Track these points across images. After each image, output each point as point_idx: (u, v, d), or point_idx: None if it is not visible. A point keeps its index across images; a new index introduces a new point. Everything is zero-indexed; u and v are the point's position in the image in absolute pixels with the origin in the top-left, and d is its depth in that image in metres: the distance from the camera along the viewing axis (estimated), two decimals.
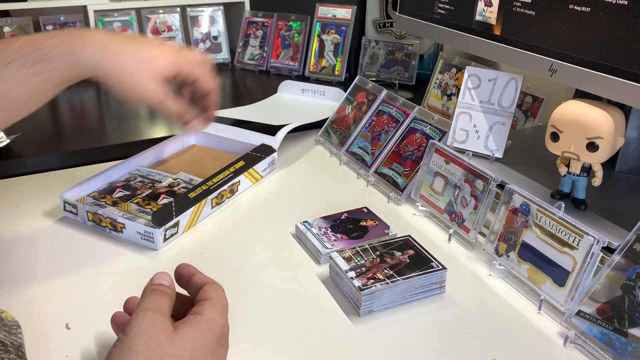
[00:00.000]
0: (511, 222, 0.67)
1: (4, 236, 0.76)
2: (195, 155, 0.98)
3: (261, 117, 1.07)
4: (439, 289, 0.65)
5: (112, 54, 0.64)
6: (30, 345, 0.56)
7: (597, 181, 0.69)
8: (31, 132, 0.78)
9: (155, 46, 0.69)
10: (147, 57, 0.67)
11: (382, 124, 0.95)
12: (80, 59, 0.63)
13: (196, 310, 0.49)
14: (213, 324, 0.48)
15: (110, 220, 0.75)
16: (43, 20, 1.35)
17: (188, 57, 0.71)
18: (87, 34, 0.64)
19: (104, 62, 0.64)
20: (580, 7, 0.68)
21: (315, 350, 0.57)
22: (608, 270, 0.56)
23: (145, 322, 0.45)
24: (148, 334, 0.44)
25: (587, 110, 0.66)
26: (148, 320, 0.45)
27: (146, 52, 0.67)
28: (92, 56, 0.63)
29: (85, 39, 0.63)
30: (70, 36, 0.63)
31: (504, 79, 0.83)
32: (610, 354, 0.54)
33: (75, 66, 0.63)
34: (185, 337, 0.45)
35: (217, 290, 0.51)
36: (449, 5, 0.90)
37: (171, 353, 0.44)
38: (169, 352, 0.44)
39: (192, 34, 1.47)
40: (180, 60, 0.70)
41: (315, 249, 0.72)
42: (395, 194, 0.86)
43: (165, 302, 0.49)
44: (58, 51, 0.62)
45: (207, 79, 0.73)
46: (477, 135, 0.85)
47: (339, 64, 1.34)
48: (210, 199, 0.80)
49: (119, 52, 0.65)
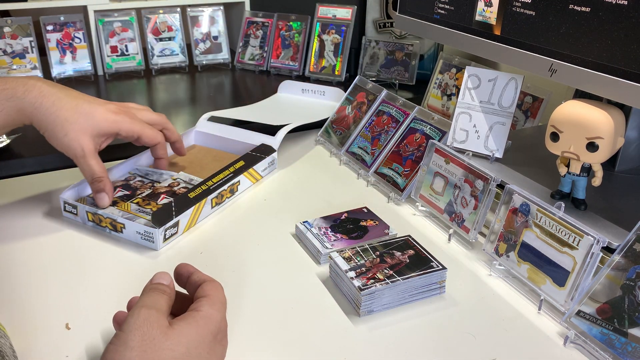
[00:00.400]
0: (511, 222, 0.67)
1: (4, 236, 0.76)
2: (195, 155, 0.98)
3: (261, 117, 1.07)
4: (439, 289, 0.65)
5: (51, 103, 0.68)
6: (30, 345, 0.56)
7: (597, 181, 0.69)
8: (31, 132, 0.78)
9: (98, 104, 0.73)
10: (86, 112, 0.70)
11: (382, 124, 0.95)
12: (21, 105, 0.67)
13: (193, 307, 0.49)
14: (209, 320, 0.48)
15: (110, 220, 0.75)
16: (43, 20, 1.35)
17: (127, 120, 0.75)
18: (32, 82, 0.68)
19: (41, 109, 0.68)
20: (580, 7, 0.68)
21: (315, 350, 0.57)
22: (608, 270, 0.56)
23: (140, 318, 0.45)
24: (143, 330, 0.44)
25: (587, 110, 0.66)
26: (143, 316, 0.46)
27: (85, 107, 0.71)
28: (32, 102, 0.67)
29: (29, 86, 0.68)
30: (15, 83, 0.67)
31: (504, 79, 0.83)
32: (610, 354, 0.54)
33: (16, 112, 0.67)
34: (180, 332, 0.46)
35: (215, 287, 0.52)
36: (449, 5, 0.90)
37: (165, 347, 0.44)
38: (163, 346, 0.44)
39: (192, 34, 1.47)
40: (122, 120, 0.75)
41: (315, 249, 0.72)
42: (395, 194, 0.86)
43: (163, 299, 0.49)
44: (2, 96, 0.66)
45: (149, 134, 0.78)
46: (477, 135, 0.85)
47: (339, 64, 1.34)
48: (210, 199, 0.80)
49: (58, 103, 0.69)
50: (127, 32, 1.41)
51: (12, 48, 1.32)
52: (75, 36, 1.37)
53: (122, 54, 1.41)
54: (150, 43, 1.43)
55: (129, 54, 1.41)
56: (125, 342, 0.44)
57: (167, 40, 1.45)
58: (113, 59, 1.40)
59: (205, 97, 1.30)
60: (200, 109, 1.17)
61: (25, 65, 1.32)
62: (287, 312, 0.62)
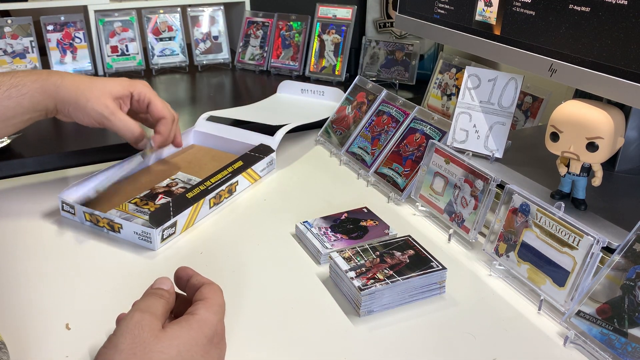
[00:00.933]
0: (511, 222, 0.67)
1: (4, 236, 0.75)
2: (194, 155, 0.98)
3: (260, 117, 1.07)
4: (439, 289, 0.64)
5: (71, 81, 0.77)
6: (30, 345, 0.56)
7: (597, 181, 0.69)
8: (31, 132, 0.79)
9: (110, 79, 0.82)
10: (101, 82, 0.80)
11: (382, 124, 0.95)
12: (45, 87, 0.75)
13: (189, 311, 0.49)
14: (204, 323, 0.48)
15: (108, 220, 0.75)
16: (43, 20, 1.35)
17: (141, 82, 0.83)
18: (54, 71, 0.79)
19: (62, 87, 0.76)
20: (580, 7, 0.67)
21: (315, 350, 0.57)
22: (608, 270, 0.56)
23: (133, 321, 0.46)
24: (134, 333, 0.45)
25: (587, 110, 0.66)
26: (135, 319, 0.46)
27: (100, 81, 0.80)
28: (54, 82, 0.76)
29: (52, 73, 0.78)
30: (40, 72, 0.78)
31: (504, 79, 0.83)
32: (610, 354, 0.54)
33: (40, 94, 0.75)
34: (172, 336, 0.46)
35: (213, 290, 0.51)
36: (449, 5, 0.90)
37: (156, 350, 0.44)
38: (153, 349, 0.44)
39: (193, 34, 1.47)
40: (134, 83, 0.82)
41: (315, 249, 0.72)
42: (395, 194, 0.86)
43: (159, 304, 0.49)
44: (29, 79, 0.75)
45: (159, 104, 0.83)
46: (477, 135, 0.85)
47: (340, 64, 1.34)
48: (208, 199, 0.80)
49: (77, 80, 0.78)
50: (128, 32, 1.41)
51: (12, 48, 1.32)
52: (76, 36, 1.37)
53: (123, 54, 1.41)
54: (151, 43, 1.43)
55: (129, 53, 1.41)
56: (116, 345, 0.44)
57: (167, 40, 1.45)
58: (113, 59, 1.40)
59: (205, 97, 1.30)
60: (201, 109, 1.16)
61: (26, 65, 1.32)
62: (287, 312, 0.62)
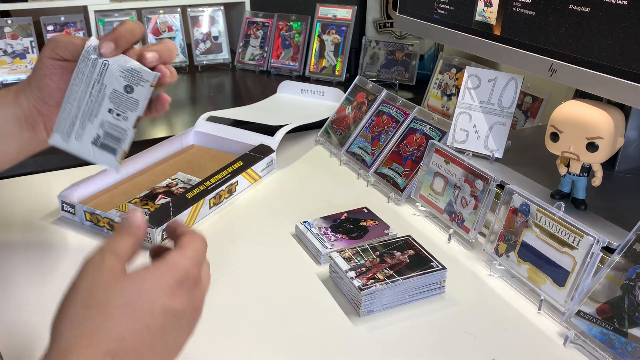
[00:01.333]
0: (511, 222, 0.67)
1: (4, 236, 0.75)
2: (193, 156, 0.98)
3: (260, 118, 1.07)
4: (439, 289, 0.64)
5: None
6: (30, 345, 0.56)
7: (597, 181, 0.69)
8: None
9: None
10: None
11: (382, 124, 0.95)
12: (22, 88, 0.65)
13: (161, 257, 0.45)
14: (173, 267, 0.44)
15: (108, 220, 0.75)
16: (43, 21, 1.35)
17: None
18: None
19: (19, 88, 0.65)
20: (580, 7, 0.67)
21: (315, 350, 0.57)
22: (608, 270, 0.56)
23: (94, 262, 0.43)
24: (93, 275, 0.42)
25: (587, 110, 0.66)
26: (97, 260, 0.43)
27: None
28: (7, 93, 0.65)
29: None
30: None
31: (504, 79, 0.83)
32: (610, 354, 0.54)
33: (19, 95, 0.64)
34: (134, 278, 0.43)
35: (192, 239, 0.47)
36: (449, 5, 0.90)
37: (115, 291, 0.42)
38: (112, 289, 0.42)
39: (193, 34, 1.47)
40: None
41: (315, 249, 0.72)
42: (395, 194, 0.86)
43: (125, 242, 0.45)
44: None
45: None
46: (477, 136, 0.85)
47: (340, 64, 1.34)
48: (208, 199, 0.80)
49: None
50: None
51: (12, 48, 1.32)
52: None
53: None
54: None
55: None
56: (75, 286, 0.42)
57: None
58: None
59: (205, 97, 1.30)
60: (201, 109, 1.16)
61: (26, 65, 1.32)
62: (287, 312, 0.62)
